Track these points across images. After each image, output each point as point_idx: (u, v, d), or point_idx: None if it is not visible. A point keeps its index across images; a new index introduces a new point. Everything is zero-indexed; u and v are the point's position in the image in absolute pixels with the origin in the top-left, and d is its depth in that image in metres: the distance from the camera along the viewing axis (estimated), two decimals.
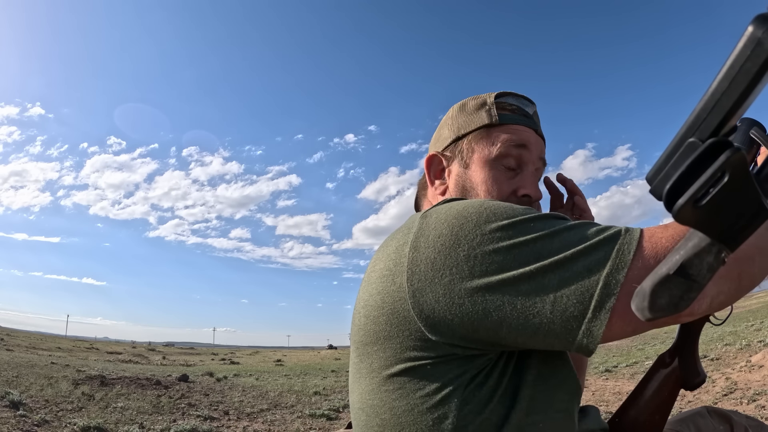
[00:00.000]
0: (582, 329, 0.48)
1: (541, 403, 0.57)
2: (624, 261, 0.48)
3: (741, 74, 0.28)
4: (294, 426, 6.13)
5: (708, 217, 0.30)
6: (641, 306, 0.41)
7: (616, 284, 0.47)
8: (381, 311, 0.57)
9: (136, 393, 7.69)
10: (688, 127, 0.32)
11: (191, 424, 5.59)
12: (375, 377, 0.59)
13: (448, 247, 0.53)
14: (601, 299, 0.48)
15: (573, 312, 0.48)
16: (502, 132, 0.72)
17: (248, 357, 34.20)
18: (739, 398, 4.84)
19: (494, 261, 0.51)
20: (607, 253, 0.49)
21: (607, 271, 0.48)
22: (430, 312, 0.53)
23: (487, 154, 0.72)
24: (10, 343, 20.91)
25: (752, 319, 16.97)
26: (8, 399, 5.65)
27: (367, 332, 0.60)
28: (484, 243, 0.52)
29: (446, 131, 0.78)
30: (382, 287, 0.58)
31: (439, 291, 0.52)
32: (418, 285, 0.54)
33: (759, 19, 0.28)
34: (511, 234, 0.52)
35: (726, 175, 0.29)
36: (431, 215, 0.57)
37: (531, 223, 0.52)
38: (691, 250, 0.33)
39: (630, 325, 0.48)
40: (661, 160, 0.33)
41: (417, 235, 0.56)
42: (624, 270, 0.47)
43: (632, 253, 0.48)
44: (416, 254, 0.54)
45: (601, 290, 0.48)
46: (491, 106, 0.74)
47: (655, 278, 0.38)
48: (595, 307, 0.48)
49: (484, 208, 0.54)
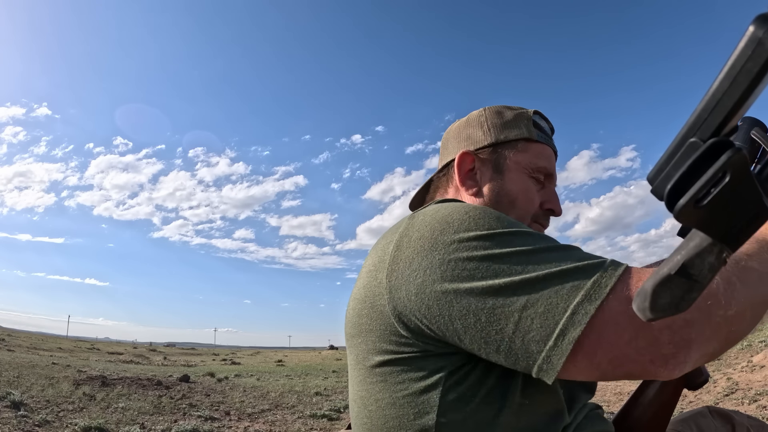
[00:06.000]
0: (542, 356, 0.46)
1: (530, 406, 0.56)
2: (598, 294, 0.45)
3: (742, 74, 0.28)
4: (295, 426, 6.13)
5: (709, 218, 0.30)
6: (642, 306, 0.41)
7: (585, 315, 0.45)
8: (364, 304, 0.59)
9: (137, 393, 7.70)
10: (690, 127, 0.32)
11: (192, 424, 5.60)
12: (361, 369, 0.62)
13: (426, 249, 0.53)
14: (565, 328, 0.45)
15: (535, 336, 0.46)
16: (538, 148, 0.77)
17: (249, 357, 34.23)
18: (740, 398, 4.83)
19: (466, 268, 0.50)
20: (583, 281, 0.46)
21: (578, 300, 0.45)
22: (402, 309, 0.54)
23: (527, 166, 0.75)
24: (11, 344, 20.95)
25: None
26: (9, 399, 5.66)
27: (353, 324, 0.62)
28: (459, 249, 0.51)
29: (480, 133, 0.78)
30: (367, 281, 0.60)
31: (412, 290, 0.53)
32: (395, 282, 0.55)
33: (760, 19, 0.28)
34: (488, 244, 0.51)
35: (727, 175, 0.29)
36: (418, 216, 0.58)
37: (512, 237, 0.52)
38: (693, 250, 0.33)
39: (597, 369, 0.46)
40: (662, 161, 0.33)
41: (402, 235, 0.57)
42: (596, 302, 0.45)
43: (609, 288, 0.45)
44: (398, 252, 0.56)
45: (568, 319, 0.45)
46: (529, 122, 0.78)
47: (656, 278, 0.38)
48: (558, 335, 0.45)
49: (468, 216, 0.54)
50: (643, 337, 0.43)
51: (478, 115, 0.81)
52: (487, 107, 0.82)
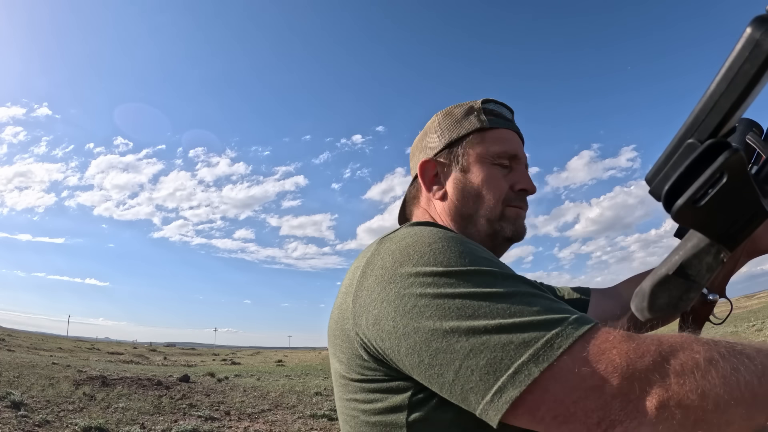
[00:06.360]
0: (480, 407, 0.44)
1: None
2: (548, 356, 0.42)
3: (739, 75, 0.28)
4: (295, 426, 6.14)
5: (707, 218, 0.31)
6: (640, 306, 0.41)
7: (528, 377, 0.42)
8: (337, 325, 0.60)
9: (138, 393, 7.71)
10: (687, 128, 0.32)
11: (192, 424, 5.60)
12: (338, 385, 0.63)
13: (385, 280, 0.53)
14: (503, 386, 0.42)
15: (474, 388, 0.44)
16: (494, 134, 0.77)
17: (249, 357, 34.26)
18: None
19: (417, 305, 0.49)
20: (535, 339, 0.43)
21: (523, 360, 0.42)
22: (363, 336, 0.54)
23: (484, 155, 0.75)
24: (11, 344, 20.96)
25: (753, 320, 16.96)
26: (9, 399, 5.67)
27: (331, 342, 0.63)
28: (414, 285, 0.50)
29: (435, 138, 0.80)
30: (340, 303, 0.60)
31: (370, 320, 0.53)
32: (358, 309, 0.55)
33: (757, 20, 0.28)
34: (442, 282, 0.49)
35: (725, 176, 0.29)
36: (385, 243, 0.58)
37: (471, 276, 0.49)
38: (691, 250, 0.34)
39: (540, 423, 0.43)
40: (660, 161, 0.34)
41: (368, 262, 0.57)
42: (543, 365, 0.42)
43: (562, 350, 0.42)
44: (362, 280, 0.56)
45: (509, 378, 0.42)
46: (479, 112, 0.78)
47: (654, 279, 0.39)
48: (496, 392, 0.43)
49: (429, 249, 0.53)
50: (593, 400, 0.41)
51: (432, 121, 0.82)
52: (439, 112, 0.83)
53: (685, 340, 0.42)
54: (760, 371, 0.40)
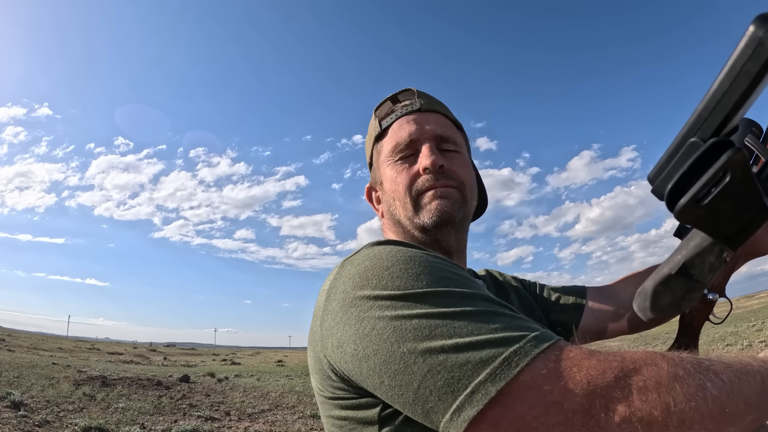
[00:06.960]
0: (441, 426, 0.45)
1: None
2: (505, 374, 0.42)
3: (742, 74, 0.28)
4: (295, 427, 6.14)
5: (710, 217, 0.30)
6: (643, 306, 0.41)
7: (485, 396, 0.42)
8: (310, 345, 0.62)
9: (138, 393, 7.71)
10: (690, 127, 0.32)
11: (192, 424, 5.60)
12: (318, 401, 0.65)
13: (346, 304, 0.53)
14: (461, 406, 0.43)
15: (433, 407, 0.45)
16: (390, 132, 0.77)
17: (249, 357, 34.26)
18: None
19: (375, 328, 0.49)
20: (492, 357, 0.43)
21: (480, 379, 0.42)
22: (329, 358, 0.55)
23: (385, 159, 0.76)
24: (11, 344, 20.96)
25: (753, 320, 16.96)
26: (9, 399, 5.67)
27: (309, 361, 0.65)
28: (373, 308, 0.51)
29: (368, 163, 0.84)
30: (312, 324, 0.62)
31: (334, 342, 0.53)
32: (325, 332, 0.56)
33: (760, 19, 0.28)
34: (399, 305, 0.49)
35: (728, 174, 0.29)
36: (346, 266, 0.58)
37: (428, 298, 0.49)
38: (693, 249, 0.33)
39: None
40: (662, 160, 0.33)
41: (332, 285, 0.58)
42: (500, 384, 0.42)
43: (520, 368, 0.42)
44: (327, 303, 0.57)
45: (466, 397, 0.42)
46: (376, 119, 0.79)
47: (656, 278, 0.38)
48: (454, 411, 0.43)
49: (387, 272, 0.53)
50: (553, 415, 0.41)
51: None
52: None
53: (649, 356, 0.42)
54: (728, 387, 0.41)
